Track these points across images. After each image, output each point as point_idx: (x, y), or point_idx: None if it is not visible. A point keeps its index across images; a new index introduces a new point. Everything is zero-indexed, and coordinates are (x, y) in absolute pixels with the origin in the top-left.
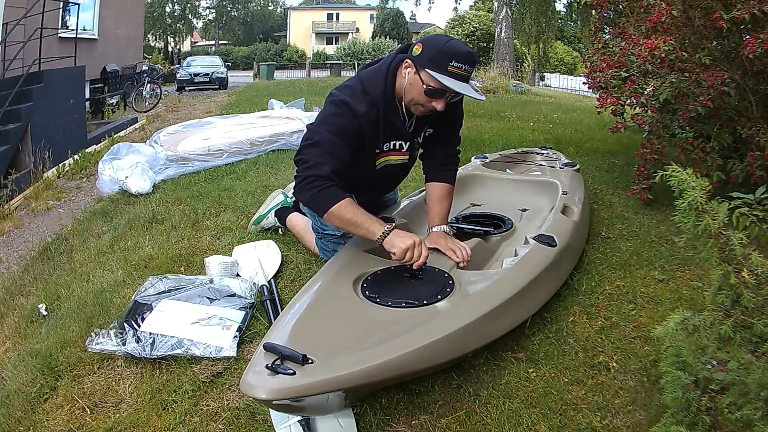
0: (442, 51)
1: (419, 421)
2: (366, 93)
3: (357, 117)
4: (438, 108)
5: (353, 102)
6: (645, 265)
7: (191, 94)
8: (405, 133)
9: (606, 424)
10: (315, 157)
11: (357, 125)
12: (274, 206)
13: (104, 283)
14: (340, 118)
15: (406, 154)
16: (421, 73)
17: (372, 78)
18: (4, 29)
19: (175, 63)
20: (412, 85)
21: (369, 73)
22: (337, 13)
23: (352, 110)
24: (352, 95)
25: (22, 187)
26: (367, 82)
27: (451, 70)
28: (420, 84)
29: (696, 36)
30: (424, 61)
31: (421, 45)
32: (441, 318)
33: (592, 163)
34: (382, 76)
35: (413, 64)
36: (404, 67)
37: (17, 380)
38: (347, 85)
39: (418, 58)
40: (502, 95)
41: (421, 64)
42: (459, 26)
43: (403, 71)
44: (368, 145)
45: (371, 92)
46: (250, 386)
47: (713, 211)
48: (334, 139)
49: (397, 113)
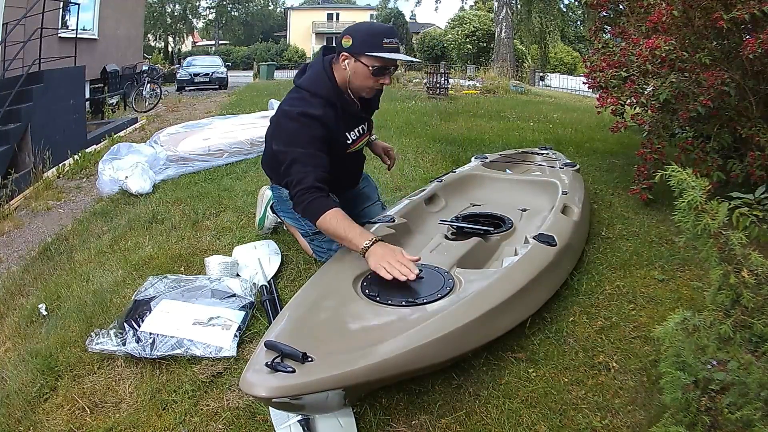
0: (372, 34)
1: (419, 421)
2: (316, 96)
3: (318, 120)
4: (387, 83)
5: (309, 109)
6: (645, 265)
7: (191, 94)
8: (361, 117)
9: (606, 424)
10: (297, 173)
11: (322, 128)
12: (267, 203)
13: (104, 283)
14: (306, 129)
15: (366, 135)
16: (361, 59)
17: (314, 81)
18: (4, 29)
19: (175, 63)
20: (356, 72)
21: (308, 79)
22: (337, 13)
23: (312, 116)
24: (305, 104)
25: (22, 187)
26: (313, 87)
27: (386, 46)
28: (364, 68)
29: (696, 36)
30: (359, 48)
31: (349, 36)
32: (441, 317)
33: (592, 163)
34: (323, 76)
35: (350, 54)
36: (342, 60)
37: (17, 380)
38: (293, 97)
39: (352, 47)
40: (502, 95)
41: (358, 52)
42: (459, 26)
43: (341, 64)
44: (337, 141)
45: (321, 93)
46: (249, 384)
47: (713, 211)
48: (309, 151)
49: (349, 102)
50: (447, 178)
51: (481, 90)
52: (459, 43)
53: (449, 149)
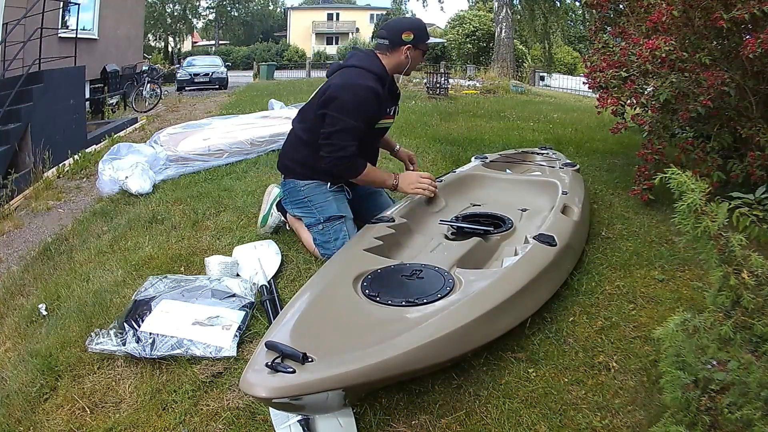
0: (422, 27)
1: (419, 421)
2: (371, 72)
3: (373, 93)
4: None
5: (367, 82)
6: (645, 265)
7: (191, 94)
8: (396, 97)
9: (606, 424)
10: (344, 141)
11: (373, 103)
12: (273, 200)
13: (104, 283)
14: (362, 105)
15: (393, 117)
16: (420, 46)
17: (367, 62)
18: (4, 29)
19: (175, 63)
20: (414, 58)
21: (361, 61)
22: (337, 13)
23: (369, 89)
24: (363, 77)
25: (22, 187)
26: (367, 66)
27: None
28: (419, 53)
29: (696, 36)
30: (418, 39)
31: (409, 32)
32: (441, 317)
33: (592, 163)
34: (374, 58)
35: (412, 46)
36: (404, 50)
37: (17, 380)
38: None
39: (414, 39)
40: (502, 95)
41: (418, 42)
42: (459, 26)
43: (403, 54)
44: (380, 111)
45: (374, 71)
46: (250, 384)
47: (712, 214)
48: (359, 125)
49: (393, 82)
50: (447, 178)
51: (481, 90)
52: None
53: (449, 149)
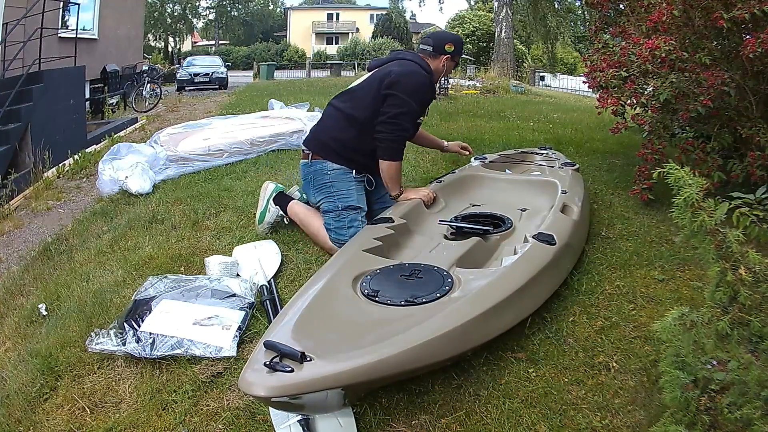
0: (461, 44)
1: (419, 421)
2: (423, 69)
3: (432, 86)
4: None
5: (427, 75)
6: (645, 265)
7: (191, 94)
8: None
9: (606, 424)
10: (407, 122)
11: (431, 94)
12: (269, 196)
13: (104, 283)
14: (427, 91)
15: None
16: (455, 58)
17: (419, 60)
18: (4, 29)
19: (175, 63)
20: (448, 67)
21: (414, 56)
22: (337, 13)
23: (430, 82)
24: (422, 70)
25: (22, 187)
26: (420, 62)
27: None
28: (453, 63)
29: (696, 36)
30: (457, 51)
31: (451, 44)
32: (440, 316)
33: (592, 163)
34: (422, 59)
35: (450, 56)
36: (443, 59)
37: (17, 380)
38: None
39: (454, 51)
40: (502, 95)
41: (455, 54)
42: (459, 26)
43: (442, 62)
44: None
45: (425, 68)
46: (248, 384)
47: (709, 208)
48: (419, 110)
49: (434, 85)
50: (447, 178)
51: (481, 90)
52: None
53: None
